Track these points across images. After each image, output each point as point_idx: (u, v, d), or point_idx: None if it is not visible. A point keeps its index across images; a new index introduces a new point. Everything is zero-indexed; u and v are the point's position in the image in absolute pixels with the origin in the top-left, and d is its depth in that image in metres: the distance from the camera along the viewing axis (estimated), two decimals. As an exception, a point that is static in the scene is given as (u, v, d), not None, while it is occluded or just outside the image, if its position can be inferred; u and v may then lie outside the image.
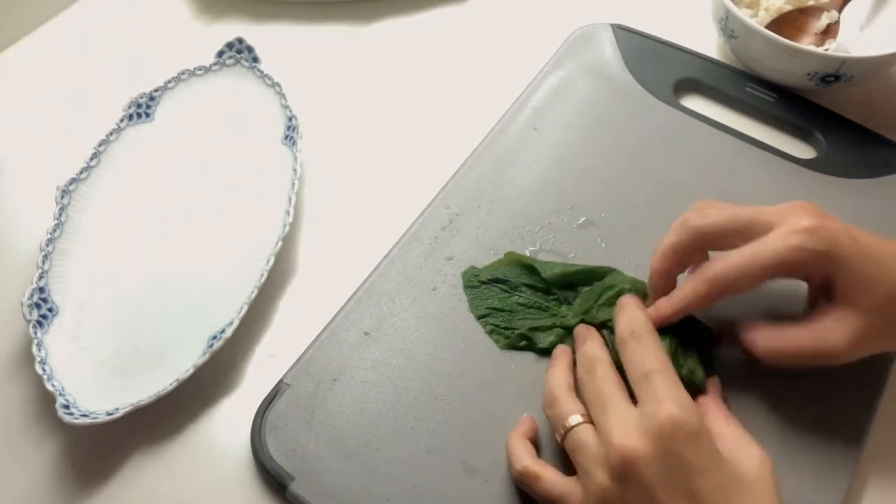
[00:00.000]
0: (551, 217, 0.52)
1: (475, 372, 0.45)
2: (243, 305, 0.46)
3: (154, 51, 0.64)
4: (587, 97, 0.59)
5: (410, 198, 0.53)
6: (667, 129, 0.57)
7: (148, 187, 0.54)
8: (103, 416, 0.42)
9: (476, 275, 0.49)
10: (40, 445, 0.44)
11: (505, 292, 0.48)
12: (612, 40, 0.62)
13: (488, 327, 0.47)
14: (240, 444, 0.43)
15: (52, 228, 0.49)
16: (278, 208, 0.51)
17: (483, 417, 0.43)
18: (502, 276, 0.48)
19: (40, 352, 0.44)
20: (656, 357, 0.38)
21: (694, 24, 0.64)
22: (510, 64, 0.62)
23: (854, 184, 0.53)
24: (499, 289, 0.48)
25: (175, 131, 0.56)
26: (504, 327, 0.46)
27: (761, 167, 0.54)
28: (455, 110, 0.60)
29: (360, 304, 0.48)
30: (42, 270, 0.47)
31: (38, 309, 0.46)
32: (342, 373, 0.45)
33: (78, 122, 0.58)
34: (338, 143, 0.58)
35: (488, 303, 0.47)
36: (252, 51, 0.59)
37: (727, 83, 0.60)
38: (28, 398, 0.46)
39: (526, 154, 0.55)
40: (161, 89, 0.57)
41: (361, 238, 0.52)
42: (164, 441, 0.44)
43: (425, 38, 0.65)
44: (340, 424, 0.43)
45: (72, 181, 0.51)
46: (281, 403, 0.44)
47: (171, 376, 0.44)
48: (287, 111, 0.55)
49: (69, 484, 0.43)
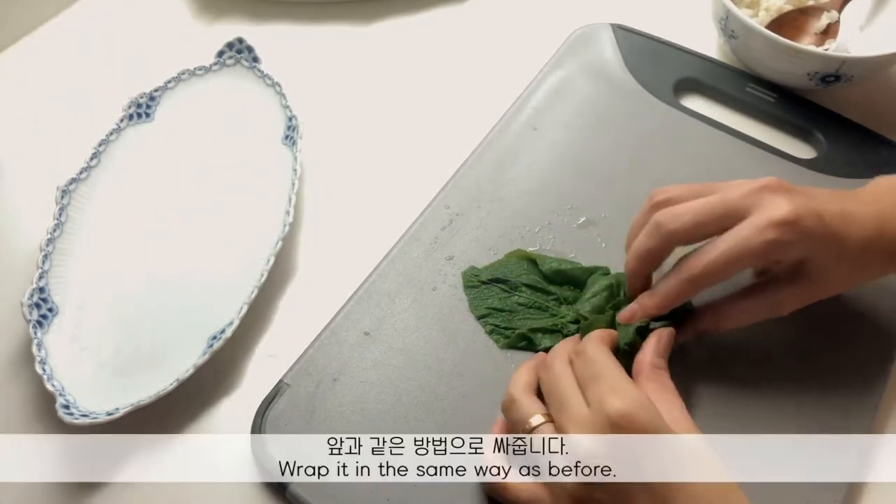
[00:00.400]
0: (551, 217, 0.52)
1: (475, 372, 0.45)
2: (243, 305, 0.46)
3: (154, 51, 0.64)
4: (587, 97, 0.59)
5: (410, 198, 0.53)
6: (667, 129, 0.57)
7: (148, 187, 0.54)
8: (103, 416, 0.42)
9: (476, 275, 0.49)
10: (40, 445, 0.44)
11: (505, 292, 0.48)
12: (612, 40, 0.62)
13: (488, 327, 0.47)
14: (240, 444, 0.43)
15: (52, 228, 0.49)
16: (278, 208, 0.51)
17: (483, 417, 0.43)
18: (502, 275, 0.48)
19: (40, 352, 0.44)
20: (602, 361, 0.38)
21: (694, 24, 0.64)
22: (510, 64, 0.62)
23: (854, 184, 0.53)
24: (499, 289, 0.48)
25: (175, 131, 0.56)
26: (504, 327, 0.47)
27: (761, 167, 0.54)
28: (455, 110, 0.60)
29: (360, 304, 0.48)
30: (42, 270, 0.47)
31: (38, 309, 0.46)
32: (342, 373, 0.45)
33: (78, 122, 0.58)
34: (338, 143, 0.58)
35: (488, 303, 0.47)
36: (252, 51, 0.59)
37: (727, 83, 0.60)
38: (28, 398, 0.46)
39: (526, 154, 0.55)
40: (161, 89, 0.57)
41: (361, 238, 0.52)
42: (164, 441, 0.44)
43: (425, 38, 0.65)
44: (340, 424, 0.43)
45: (72, 181, 0.51)
46: (281, 403, 0.44)
47: (171, 376, 0.44)
48: (287, 111, 0.55)
49: (70, 484, 0.43)
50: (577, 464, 0.35)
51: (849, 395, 0.44)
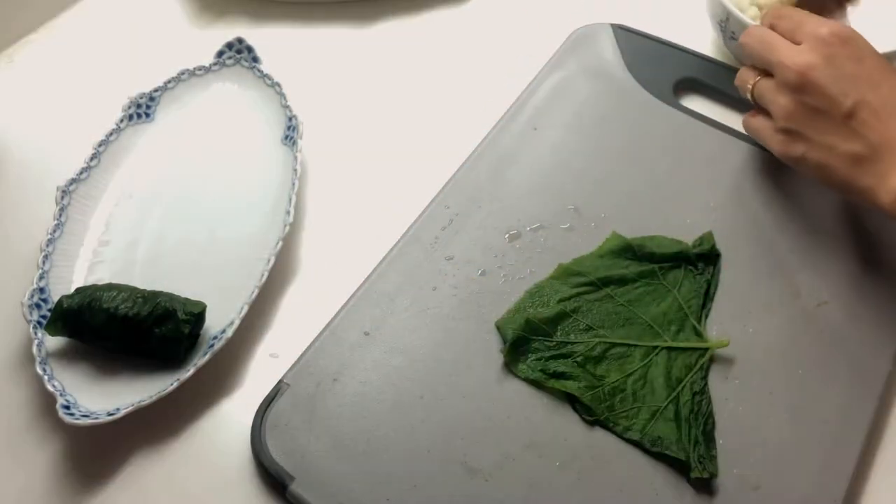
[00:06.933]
0: (551, 217, 0.52)
1: (475, 372, 0.45)
2: (244, 305, 0.46)
3: (154, 51, 0.64)
4: (587, 97, 0.59)
5: (410, 198, 0.53)
6: (667, 129, 0.57)
7: (148, 187, 0.54)
8: (104, 416, 0.42)
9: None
10: (41, 446, 0.44)
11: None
12: (612, 40, 0.62)
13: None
14: (240, 444, 0.44)
15: (52, 228, 0.49)
16: (278, 208, 0.51)
17: (483, 417, 0.43)
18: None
19: (41, 352, 0.44)
20: (803, 16, 0.48)
21: (694, 24, 0.64)
22: (510, 64, 0.62)
23: (854, 184, 0.53)
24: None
25: (175, 131, 0.56)
26: None
27: (761, 167, 0.54)
28: (455, 110, 0.60)
29: (361, 304, 0.48)
30: (42, 270, 0.47)
31: (39, 309, 0.46)
32: (342, 373, 0.45)
33: (78, 122, 0.58)
34: (338, 144, 0.58)
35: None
36: (252, 51, 0.59)
37: (727, 83, 0.59)
38: (28, 398, 0.46)
39: (526, 154, 0.55)
40: (161, 89, 0.57)
41: (361, 238, 0.52)
42: (165, 441, 0.44)
43: (425, 39, 0.65)
44: (340, 424, 0.43)
45: (72, 181, 0.51)
46: (281, 403, 0.44)
47: (172, 376, 0.44)
48: (287, 111, 0.55)
49: (69, 484, 0.43)
50: (795, 77, 0.45)
51: (849, 395, 0.44)
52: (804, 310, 0.47)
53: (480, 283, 0.49)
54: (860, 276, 0.49)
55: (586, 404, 0.43)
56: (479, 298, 0.48)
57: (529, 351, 0.45)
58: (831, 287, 0.48)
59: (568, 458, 0.42)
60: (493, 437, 0.43)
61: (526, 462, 0.42)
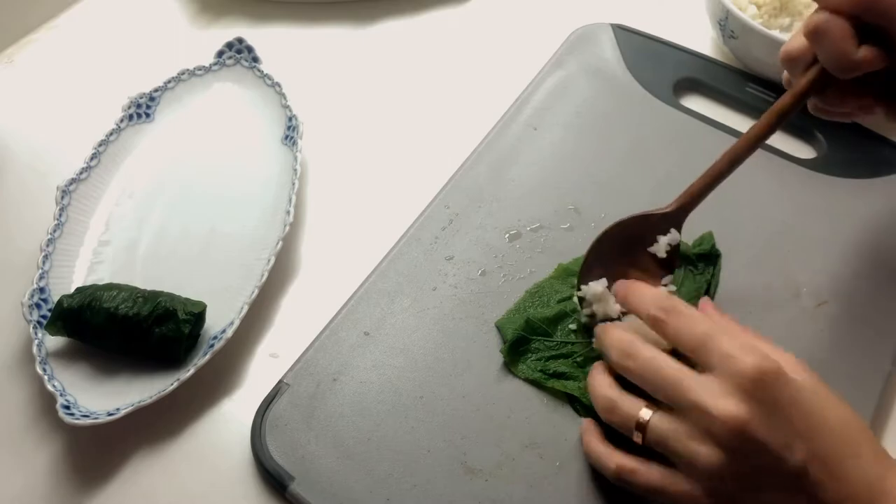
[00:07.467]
0: (551, 217, 0.52)
1: (475, 372, 0.45)
2: (243, 305, 0.46)
3: (154, 51, 0.64)
4: (587, 97, 0.59)
5: (410, 198, 0.53)
6: (667, 129, 0.57)
7: (148, 187, 0.54)
8: (104, 416, 0.42)
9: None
10: (41, 446, 0.44)
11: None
12: (612, 40, 0.62)
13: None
14: (240, 444, 0.43)
15: (52, 228, 0.49)
16: (278, 208, 0.51)
17: (483, 417, 0.43)
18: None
19: (41, 352, 0.44)
20: (700, 319, 0.38)
21: (694, 24, 0.64)
22: (510, 64, 0.62)
23: (854, 184, 0.54)
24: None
25: (175, 131, 0.56)
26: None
27: (761, 167, 0.54)
28: (455, 110, 0.60)
29: (361, 304, 0.48)
30: (42, 270, 0.47)
31: (39, 309, 0.46)
32: (342, 373, 0.45)
33: (78, 122, 0.58)
34: (338, 144, 0.58)
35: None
36: (252, 51, 0.59)
37: (727, 83, 0.60)
38: (29, 398, 0.46)
39: (526, 154, 0.55)
40: (161, 89, 0.57)
41: (362, 238, 0.52)
42: (165, 441, 0.44)
43: (425, 39, 0.65)
44: (340, 424, 0.43)
45: (72, 181, 0.51)
46: (281, 403, 0.44)
47: (172, 376, 0.44)
48: (287, 111, 0.55)
49: (70, 484, 0.43)
50: (727, 431, 0.34)
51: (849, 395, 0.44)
52: (804, 310, 0.47)
53: (480, 283, 0.49)
54: (860, 276, 0.49)
55: (586, 404, 0.43)
56: (479, 298, 0.48)
57: (529, 351, 0.45)
58: (831, 287, 0.48)
59: (568, 458, 0.42)
60: (493, 437, 0.43)
61: (526, 462, 0.42)
